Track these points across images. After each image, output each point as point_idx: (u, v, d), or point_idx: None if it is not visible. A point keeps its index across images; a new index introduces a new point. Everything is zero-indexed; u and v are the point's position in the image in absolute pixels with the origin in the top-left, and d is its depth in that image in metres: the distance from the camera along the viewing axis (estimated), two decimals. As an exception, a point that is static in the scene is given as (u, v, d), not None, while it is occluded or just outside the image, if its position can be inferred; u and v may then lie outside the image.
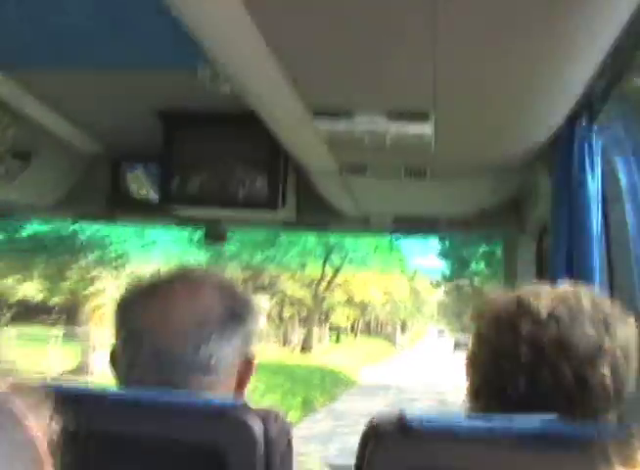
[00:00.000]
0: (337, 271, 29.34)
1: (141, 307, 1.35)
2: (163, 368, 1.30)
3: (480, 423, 1.19)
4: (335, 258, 26.73)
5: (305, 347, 32.18)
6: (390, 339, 56.19)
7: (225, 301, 1.37)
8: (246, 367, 1.39)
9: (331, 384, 23.20)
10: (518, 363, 1.25)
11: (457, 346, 49.38)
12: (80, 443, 0.71)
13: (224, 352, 1.33)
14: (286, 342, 33.88)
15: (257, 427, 1.19)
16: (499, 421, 1.19)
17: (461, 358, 1.44)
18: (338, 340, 43.89)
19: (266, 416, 1.20)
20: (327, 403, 19.92)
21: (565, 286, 1.35)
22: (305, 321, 34.05)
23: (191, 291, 1.36)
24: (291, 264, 23.79)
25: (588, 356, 1.22)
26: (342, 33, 1.28)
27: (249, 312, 1.40)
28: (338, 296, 36.53)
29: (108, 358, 1.39)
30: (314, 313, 32.76)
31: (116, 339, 1.36)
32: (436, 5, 1.15)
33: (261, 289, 29.68)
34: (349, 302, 38.88)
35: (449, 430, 1.16)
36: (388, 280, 38.30)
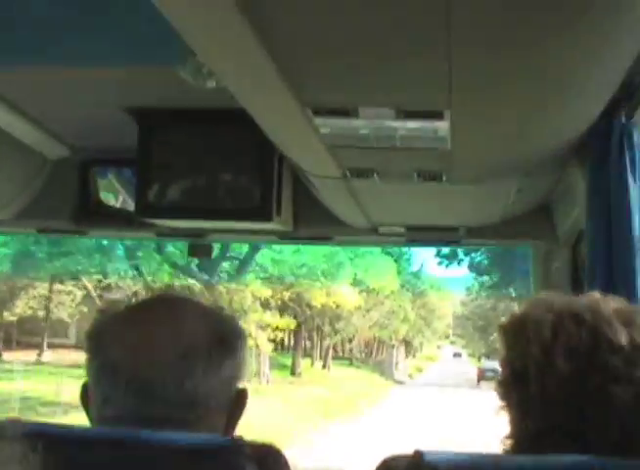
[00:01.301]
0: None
1: (116, 335, 1.37)
2: (142, 404, 1.31)
3: (510, 462, 1.20)
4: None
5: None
6: (383, 368, 43.86)
7: (211, 327, 1.39)
8: (237, 401, 1.41)
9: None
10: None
11: (483, 376, 40.30)
12: None
13: (211, 385, 1.35)
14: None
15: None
16: (530, 459, 1.20)
17: (490, 396, 1.39)
18: (293, 372, 33.14)
19: (263, 457, 1.21)
20: None
21: (605, 298, 1.36)
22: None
23: (173, 316, 1.38)
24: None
25: None
26: (345, 20, 1.29)
27: (237, 339, 1.42)
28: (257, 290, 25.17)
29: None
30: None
31: (88, 371, 1.38)
32: None
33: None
34: (293, 303, 28.50)
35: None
36: (367, 265, 25.28)
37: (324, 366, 37.53)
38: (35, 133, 2.53)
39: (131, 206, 2.62)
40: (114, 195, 2.77)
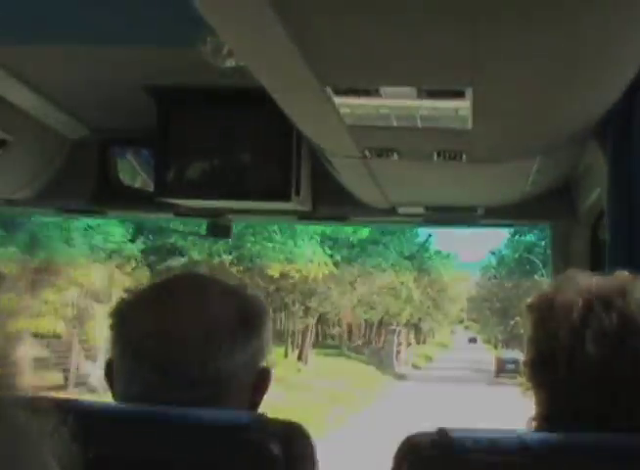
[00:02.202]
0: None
1: (140, 316, 1.37)
2: (166, 384, 1.32)
3: (535, 438, 1.20)
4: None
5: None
6: (381, 358, 35.08)
7: (235, 306, 1.39)
8: (260, 379, 1.41)
9: None
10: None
11: (503, 368, 34.38)
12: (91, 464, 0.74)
13: (235, 365, 1.36)
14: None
15: (276, 448, 1.20)
16: (555, 436, 1.20)
17: (513, 396, 1.36)
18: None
19: (287, 434, 1.22)
20: None
21: (635, 279, 1.34)
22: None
23: (197, 297, 1.39)
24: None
25: None
26: None
27: (261, 319, 1.42)
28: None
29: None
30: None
31: (113, 350, 1.39)
32: None
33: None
34: (242, 273, 20.22)
35: (501, 448, 1.17)
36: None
37: (299, 357, 30.10)
38: (54, 113, 2.54)
39: (150, 186, 2.62)
40: (134, 175, 2.78)
